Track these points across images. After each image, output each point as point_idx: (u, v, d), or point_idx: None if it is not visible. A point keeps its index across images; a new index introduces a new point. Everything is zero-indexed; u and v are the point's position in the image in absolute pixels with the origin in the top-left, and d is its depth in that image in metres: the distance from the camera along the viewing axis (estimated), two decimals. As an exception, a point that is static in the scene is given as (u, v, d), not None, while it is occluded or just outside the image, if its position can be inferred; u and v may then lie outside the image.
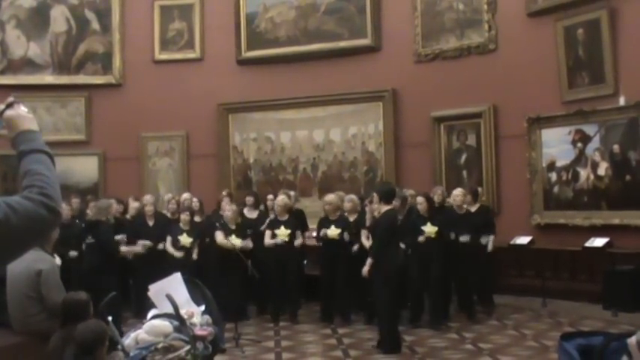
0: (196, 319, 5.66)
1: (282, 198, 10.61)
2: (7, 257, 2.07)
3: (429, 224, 9.56)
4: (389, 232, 8.54)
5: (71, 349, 4.80)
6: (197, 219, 10.93)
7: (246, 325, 9.77)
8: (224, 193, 11.81)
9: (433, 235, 9.55)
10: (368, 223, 9.72)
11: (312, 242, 11.02)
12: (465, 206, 10.34)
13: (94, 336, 4.68)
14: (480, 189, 11.35)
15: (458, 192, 10.37)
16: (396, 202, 9.76)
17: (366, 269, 8.38)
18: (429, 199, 9.76)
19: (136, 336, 5.27)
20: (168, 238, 10.44)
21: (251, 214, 11.27)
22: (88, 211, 11.37)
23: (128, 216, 11.21)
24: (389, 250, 8.46)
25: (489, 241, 10.29)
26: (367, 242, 9.10)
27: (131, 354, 5.10)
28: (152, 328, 5.28)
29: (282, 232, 10.31)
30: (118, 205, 10.91)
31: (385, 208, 8.54)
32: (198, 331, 5.48)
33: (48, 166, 2.13)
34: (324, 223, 10.28)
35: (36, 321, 5.98)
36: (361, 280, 8.81)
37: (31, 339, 5.88)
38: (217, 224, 10.50)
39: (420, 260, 9.54)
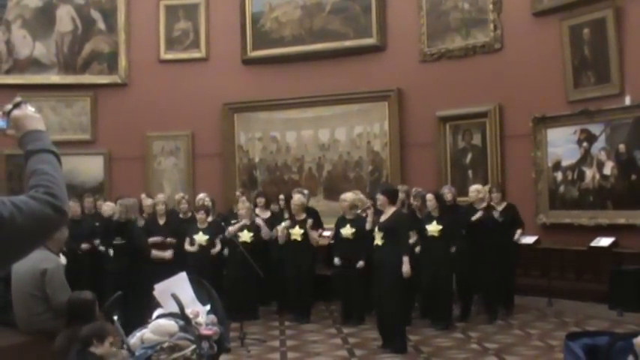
0: (202, 319, 5.67)
1: (298, 197, 10.64)
2: (12, 256, 2.08)
3: (434, 223, 9.51)
4: (409, 230, 8.61)
5: (76, 349, 4.83)
6: (209, 218, 10.96)
7: (252, 324, 9.78)
8: (238, 193, 11.80)
9: (436, 234, 9.50)
10: (369, 226, 9.66)
11: (323, 242, 11.04)
12: (492, 204, 10.34)
13: (88, 331, 4.74)
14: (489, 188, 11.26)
15: (472, 188, 10.35)
16: (415, 202, 9.80)
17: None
18: (438, 197, 9.71)
19: (141, 335, 5.27)
20: (187, 239, 10.50)
21: (263, 214, 11.27)
22: (99, 210, 11.40)
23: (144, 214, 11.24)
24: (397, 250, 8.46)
25: (517, 233, 10.36)
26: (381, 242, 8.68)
27: (136, 353, 5.10)
28: (157, 327, 5.28)
29: (296, 232, 10.34)
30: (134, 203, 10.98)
31: (392, 208, 8.53)
32: (204, 331, 5.48)
33: (54, 166, 2.13)
34: (340, 222, 10.28)
35: (41, 320, 5.99)
36: (370, 280, 8.78)
37: (36, 338, 5.90)
38: (223, 223, 10.57)
39: (426, 260, 9.52)
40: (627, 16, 10.55)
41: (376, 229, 8.61)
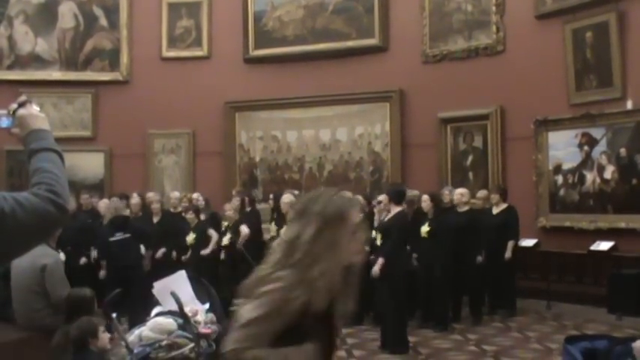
0: (200, 317, 5.66)
1: (287, 196, 10.65)
2: (13, 252, 2.08)
3: (426, 224, 9.48)
4: (403, 233, 8.54)
5: (72, 352, 4.84)
6: (202, 217, 10.99)
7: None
8: (234, 192, 11.81)
9: (426, 235, 9.45)
10: (376, 224, 9.67)
11: None
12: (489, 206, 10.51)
13: (79, 332, 4.74)
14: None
15: (457, 191, 10.38)
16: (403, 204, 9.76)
17: (377, 269, 8.26)
18: (433, 199, 9.68)
19: (139, 333, 5.27)
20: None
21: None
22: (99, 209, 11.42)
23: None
24: (400, 252, 8.44)
25: (508, 249, 10.26)
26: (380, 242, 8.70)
27: (135, 351, 5.10)
28: (156, 325, 5.28)
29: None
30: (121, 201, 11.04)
31: (396, 209, 8.52)
32: (203, 329, 5.47)
33: (57, 164, 2.14)
34: None
35: (40, 316, 5.99)
36: (369, 280, 8.77)
37: (35, 334, 5.90)
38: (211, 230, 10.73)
39: (420, 261, 9.51)
40: (630, 20, 10.54)
41: (377, 229, 8.63)
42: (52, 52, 14.17)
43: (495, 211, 10.55)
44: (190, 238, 10.52)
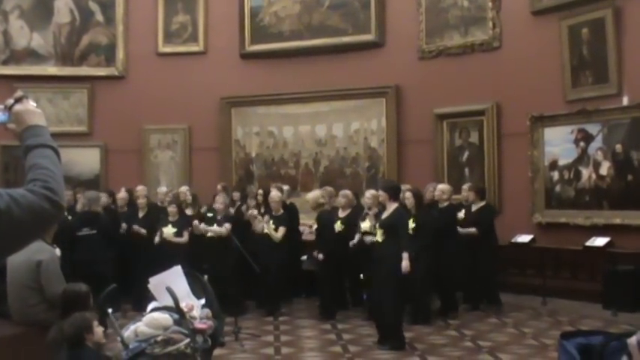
0: (196, 313, 5.66)
1: (275, 193, 10.65)
2: (8, 249, 2.08)
3: (411, 220, 9.47)
4: (408, 230, 8.59)
5: (67, 349, 4.83)
6: (189, 212, 10.96)
7: (246, 319, 9.78)
8: (219, 187, 11.82)
9: (410, 231, 9.45)
10: (368, 223, 9.66)
11: (309, 238, 11.10)
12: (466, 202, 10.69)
13: (74, 329, 4.74)
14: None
15: (439, 187, 10.54)
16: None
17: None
18: (416, 195, 9.70)
19: (135, 328, 5.26)
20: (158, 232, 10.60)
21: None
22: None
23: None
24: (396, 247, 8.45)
25: (466, 229, 10.44)
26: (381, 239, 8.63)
27: (130, 346, 5.09)
28: (152, 320, 5.27)
29: (270, 227, 10.39)
30: (109, 198, 11.08)
31: (393, 205, 8.51)
32: (198, 325, 5.47)
33: (53, 160, 2.14)
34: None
35: (35, 312, 5.99)
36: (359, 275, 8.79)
37: (30, 330, 5.89)
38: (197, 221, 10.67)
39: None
40: (626, 17, 10.54)
41: (377, 225, 8.62)
42: (47, 47, 14.13)
43: (473, 208, 10.79)
44: (170, 231, 10.41)
